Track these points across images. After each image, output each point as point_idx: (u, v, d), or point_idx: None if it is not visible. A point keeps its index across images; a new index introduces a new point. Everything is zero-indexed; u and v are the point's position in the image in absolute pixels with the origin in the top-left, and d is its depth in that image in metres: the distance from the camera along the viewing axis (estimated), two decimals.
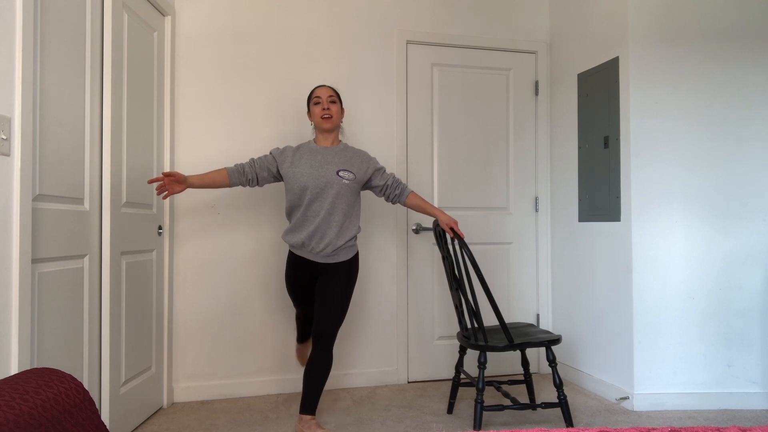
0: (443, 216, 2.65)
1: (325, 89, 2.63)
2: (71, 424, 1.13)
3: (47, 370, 1.22)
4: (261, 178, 2.61)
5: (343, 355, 3.37)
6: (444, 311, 3.55)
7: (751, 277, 2.95)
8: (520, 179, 3.69)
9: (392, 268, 3.45)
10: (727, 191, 2.96)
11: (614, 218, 3.06)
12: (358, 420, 2.79)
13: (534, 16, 3.73)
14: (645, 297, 2.93)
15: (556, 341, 2.54)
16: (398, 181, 2.72)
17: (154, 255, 2.85)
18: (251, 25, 3.26)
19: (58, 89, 2.00)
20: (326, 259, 2.55)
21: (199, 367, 3.13)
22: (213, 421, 2.78)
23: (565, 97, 3.56)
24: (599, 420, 2.76)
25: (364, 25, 3.44)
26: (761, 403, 2.92)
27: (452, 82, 3.59)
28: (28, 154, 1.76)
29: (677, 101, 2.96)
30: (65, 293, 2.06)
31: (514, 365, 3.65)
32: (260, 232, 3.24)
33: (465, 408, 2.97)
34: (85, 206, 2.21)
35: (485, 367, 2.51)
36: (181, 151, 3.13)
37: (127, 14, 2.51)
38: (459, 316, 2.73)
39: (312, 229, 2.52)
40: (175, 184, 2.42)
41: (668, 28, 2.97)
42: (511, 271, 3.67)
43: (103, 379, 2.32)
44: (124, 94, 2.48)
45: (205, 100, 3.18)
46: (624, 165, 2.99)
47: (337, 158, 2.58)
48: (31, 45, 1.77)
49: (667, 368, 2.93)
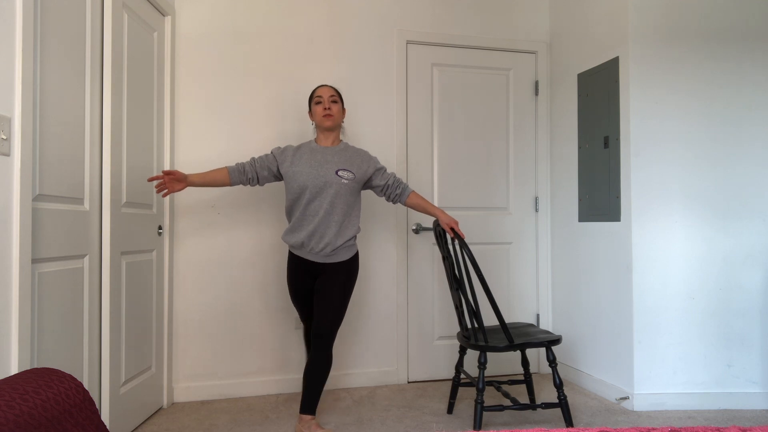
0: (444, 216, 2.65)
1: (326, 89, 2.64)
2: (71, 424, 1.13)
3: (47, 370, 1.22)
4: (261, 177, 2.61)
5: (343, 355, 3.37)
6: (444, 311, 3.55)
7: (751, 277, 2.95)
8: (520, 179, 3.69)
9: (392, 268, 3.45)
10: (727, 191, 2.96)
11: (614, 218, 3.06)
12: (358, 420, 2.79)
13: (534, 16, 3.73)
14: (645, 297, 2.93)
15: (556, 341, 2.54)
16: (399, 181, 2.72)
17: (154, 255, 2.85)
18: (251, 25, 3.26)
19: (58, 89, 2.00)
20: (326, 258, 2.55)
21: (199, 367, 3.13)
22: (213, 421, 2.78)
23: (565, 97, 3.56)
24: (599, 420, 2.76)
25: (364, 25, 3.44)
26: (761, 403, 2.92)
27: (452, 82, 3.59)
28: (28, 154, 1.76)
29: (677, 101, 2.96)
30: (65, 293, 2.06)
31: (514, 365, 3.65)
32: (260, 232, 3.24)
33: (465, 408, 2.97)
34: (85, 206, 2.21)
35: (485, 367, 2.51)
36: (181, 151, 3.13)
37: (127, 14, 2.51)
38: (459, 316, 2.73)
39: (311, 229, 2.52)
40: (175, 183, 2.43)
41: (668, 28, 2.97)
42: (511, 271, 3.67)
43: (103, 379, 2.32)
44: (124, 94, 2.48)
45: (205, 100, 3.18)
46: (624, 165, 2.99)
47: (336, 158, 2.58)
48: (31, 45, 1.77)
49: (667, 368, 2.93)
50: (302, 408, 2.52)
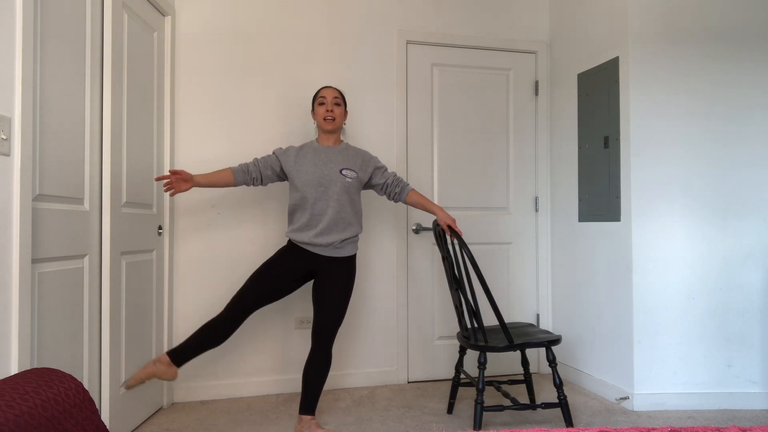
0: (441, 213, 2.67)
1: (330, 90, 2.66)
2: (71, 424, 1.13)
3: (47, 370, 1.22)
4: (265, 177, 2.64)
5: (343, 355, 3.37)
6: (444, 311, 3.55)
7: (751, 277, 2.95)
8: (520, 179, 3.69)
9: (392, 268, 3.45)
10: (727, 191, 2.96)
11: (614, 218, 3.06)
12: (358, 420, 2.79)
13: (534, 16, 3.73)
14: (645, 297, 2.93)
15: (556, 341, 2.54)
16: (399, 179, 2.74)
17: (154, 255, 2.85)
18: (251, 25, 3.26)
19: (58, 89, 2.00)
20: (333, 252, 2.55)
21: (199, 367, 3.13)
22: (213, 421, 2.78)
23: (565, 97, 3.56)
24: (599, 420, 2.76)
25: (365, 25, 3.44)
26: (761, 403, 2.92)
27: (452, 82, 3.59)
28: (28, 154, 1.76)
29: (677, 101, 2.96)
30: (65, 293, 2.06)
31: (514, 365, 3.65)
32: (261, 232, 3.24)
33: (465, 408, 2.97)
34: (85, 206, 2.21)
35: (485, 367, 2.51)
36: (181, 151, 3.13)
37: (127, 14, 2.51)
38: (459, 316, 2.73)
39: (320, 228, 2.53)
40: (182, 182, 2.46)
41: (668, 28, 2.97)
42: (511, 271, 3.67)
43: (103, 379, 2.32)
44: (124, 94, 2.48)
45: (205, 100, 3.18)
46: (624, 165, 2.99)
47: (339, 157, 2.61)
48: (31, 45, 1.77)
49: (667, 368, 2.93)
50: (302, 408, 2.52)
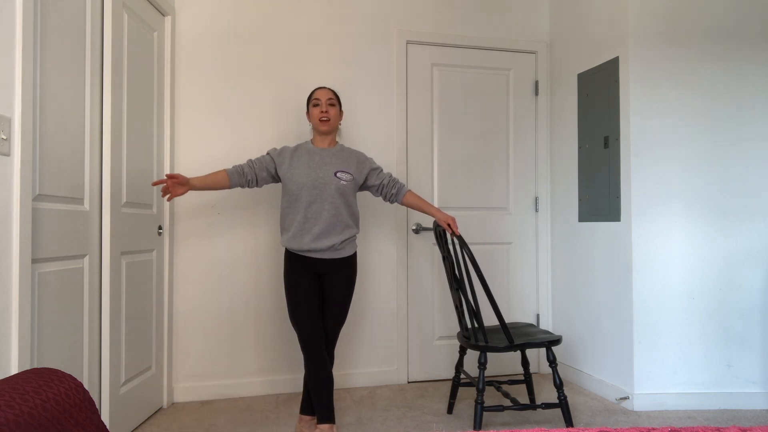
0: (439, 213, 2.65)
1: (324, 91, 2.61)
2: (71, 424, 1.13)
3: (47, 370, 1.22)
4: (260, 179, 2.59)
5: (343, 355, 3.37)
6: (444, 311, 3.55)
7: (751, 277, 2.95)
8: (520, 179, 3.69)
9: (392, 268, 3.45)
10: (727, 191, 2.96)
11: (614, 218, 3.06)
12: (358, 420, 2.79)
13: (534, 16, 3.73)
14: (645, 297, 2.93)
15: (556, 341, 2.54)
16: (395, 180, 2.71)
17: (154, 255, 2.85)
18: (251, 25, 3.26)
19: (58, 89, 2.00)
20: (333, 254, 2.52)
21: (199, 367, 3.13)
22: (213, 421, 2.78)
23: (565, 97, 3.56)
24: (599, 420, 2.76)
25: (364, 25, 3.44)
26: (761, 403, 2.92)
27: (452, 82, 3.59)
28: (28, 154, 1.76)
29: (677, 101, 2.96)
30: (65, 293, 2.06)
31: (514, 365, 3.65)
32: (261, 232, 3.24)
33: (465, 408, 2.97)
34: (85, 206, 2.21)
35: (485, 367, 2.51)
36: (181, 151, 3.13)
37: (127, 14, 2.51)
38: (459, 316, 2.73)
39: (316, 233, 2.47)
40: (178, 186, 2.41)
41: (668, 28, 2.97)
42: (511, 271, 3.67)
43: (103, 379, 2.32)
44: (124, 94, 2.48)
45: (205, 101, 3.17)
46: (624, 165, 2.99)
47: (334, 159, 2.57)
48: (31, 45, 1.77)
49: (667, 368, 2.93)
50: (302, 408, 2.55)
